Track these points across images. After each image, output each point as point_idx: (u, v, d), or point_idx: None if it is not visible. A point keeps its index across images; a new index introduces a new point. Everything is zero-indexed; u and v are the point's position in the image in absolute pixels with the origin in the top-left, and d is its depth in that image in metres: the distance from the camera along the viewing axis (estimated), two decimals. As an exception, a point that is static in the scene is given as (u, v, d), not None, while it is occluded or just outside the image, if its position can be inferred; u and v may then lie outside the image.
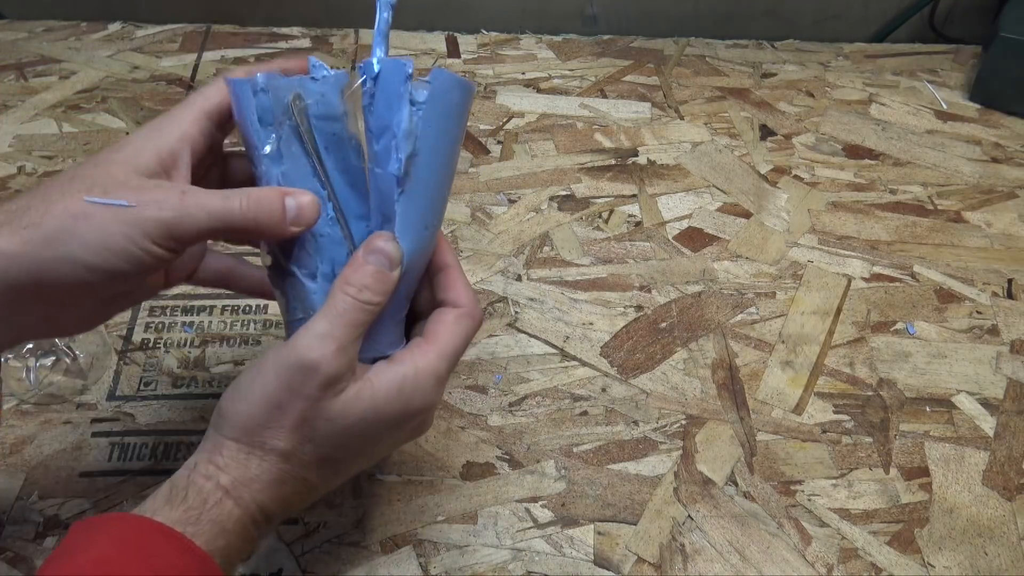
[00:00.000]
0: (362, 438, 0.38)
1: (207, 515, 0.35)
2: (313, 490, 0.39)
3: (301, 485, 0.38)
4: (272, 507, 0.37)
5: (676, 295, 0.62)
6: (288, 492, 0.37)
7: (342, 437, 0.37)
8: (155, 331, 0.57)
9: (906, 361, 0.59)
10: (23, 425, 0.52)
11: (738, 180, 0.72)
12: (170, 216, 0.34)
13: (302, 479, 0.37)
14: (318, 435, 0.37)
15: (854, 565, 0.49)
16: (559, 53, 0.84)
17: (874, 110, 0.80)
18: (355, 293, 0.36)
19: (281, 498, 0.37)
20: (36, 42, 0.80)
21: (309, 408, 0.36)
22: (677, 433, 0.54)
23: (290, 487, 0.37)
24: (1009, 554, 0.50)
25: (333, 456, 0.38)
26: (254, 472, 0.36)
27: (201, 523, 0.35)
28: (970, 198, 0.72)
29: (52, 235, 0.33)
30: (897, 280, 0.65)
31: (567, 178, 0.71)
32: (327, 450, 0.37)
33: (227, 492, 0.36)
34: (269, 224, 0.37)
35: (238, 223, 0.36)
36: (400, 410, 0.38)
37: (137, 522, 0.34)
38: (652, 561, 0.48)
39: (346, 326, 0.36)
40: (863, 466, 0.53)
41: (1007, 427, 0.56)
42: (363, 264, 0.37)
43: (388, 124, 0.38)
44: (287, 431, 0.36)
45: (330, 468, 0.38)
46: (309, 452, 0.37)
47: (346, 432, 0.37)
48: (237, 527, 0.36)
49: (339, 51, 0.82)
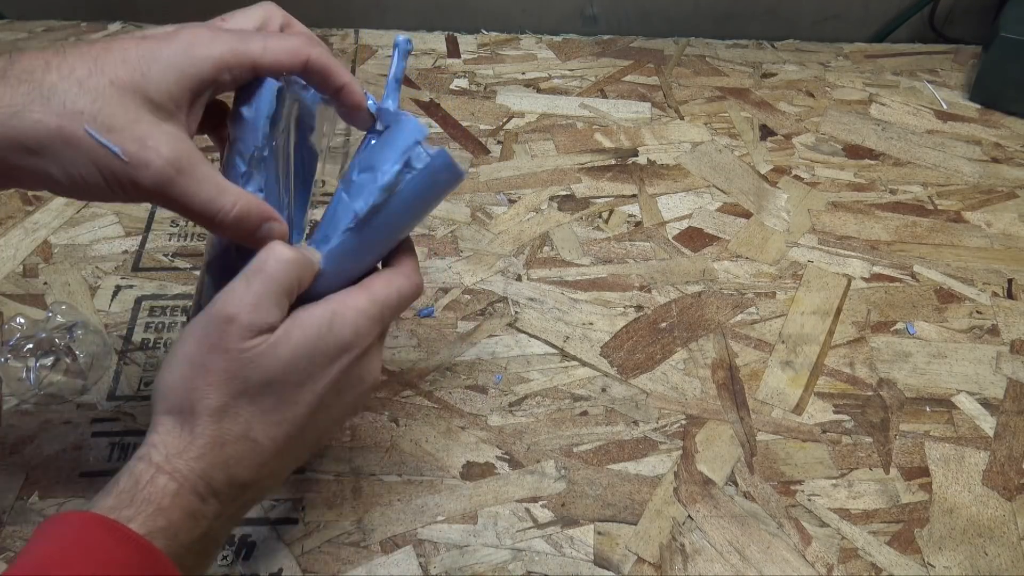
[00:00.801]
0: (299, 382, 0.36)
1: (140, 495, 0.34)
2: (262, 450, 0.37)
3: (245, 445, 0.36)
4: (216, 474, 0.35)
5: (676, 295, 0.62)
6: (231, 455, 0.36)
7: (277, 383, 0.36)
8: (155, 331, 0.57)
9: (906, 361, 0.59)
10: (23, 425, 0.52)
11: (738, 180, 0.72)
12: (152, 186, 0.34)
13: (244, 437, 0.36)
14: (251, 385, 0.35)
15: (854, 565, 0.49)
16: (559, 53, 0.84)
17: (874, 110, 0.80)
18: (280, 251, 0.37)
19: (223, 463, 0.35)
20: (36, 42, 0.80)
21: (233, 359, 0.35)
22: (677, 433, 0.54)
23: (231, 448, 0.36)
24: (1009, 554, 0.50)
25: (275, 407, 0.36)
26: (187, 440, 0.35)
27: (135, 504, 0.33)
28: (970, 198, 0.72)
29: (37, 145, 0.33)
30: (897, 280, 0.65)
31: (567, 178, 0.71)
32: (266, 400, 0.36)
33: (159, 468, 0.34)
34: (237, 235, 0.37)
35: (210, 219, 0.36)
36: (333, 345, 0.37)
37: (77, 517, 0.33)
38: (652, 561, 0.48)
39: (264, 281, 0.36)
40: (863, 466, 0.53)
41: (1007, 427, 0.56)
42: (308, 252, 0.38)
43: (375, 166, 0.39)
44: (214, 387, 0.35)
45: (275, 422, 0.37)
46: (245, 405, 0.35)
47: (281, 376, 0.36)
48: (177, 502, 0.34)
49: (339, 51, 0.82)
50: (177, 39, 0.36)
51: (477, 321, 0.59)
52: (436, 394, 0.55)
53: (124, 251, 0.62)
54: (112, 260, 0.62)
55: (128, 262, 0.62)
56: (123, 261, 0.62)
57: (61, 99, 0.33)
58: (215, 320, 0.35)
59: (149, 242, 0.63)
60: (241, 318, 0.35)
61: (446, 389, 0.55)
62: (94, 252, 0.62)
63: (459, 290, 0.61)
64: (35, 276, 0.60)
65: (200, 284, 0.43)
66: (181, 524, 0.34)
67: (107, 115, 0.33)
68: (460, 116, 0.75)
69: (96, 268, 0.61)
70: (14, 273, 0.60)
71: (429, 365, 0.56)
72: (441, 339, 0.58)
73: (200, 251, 0.63)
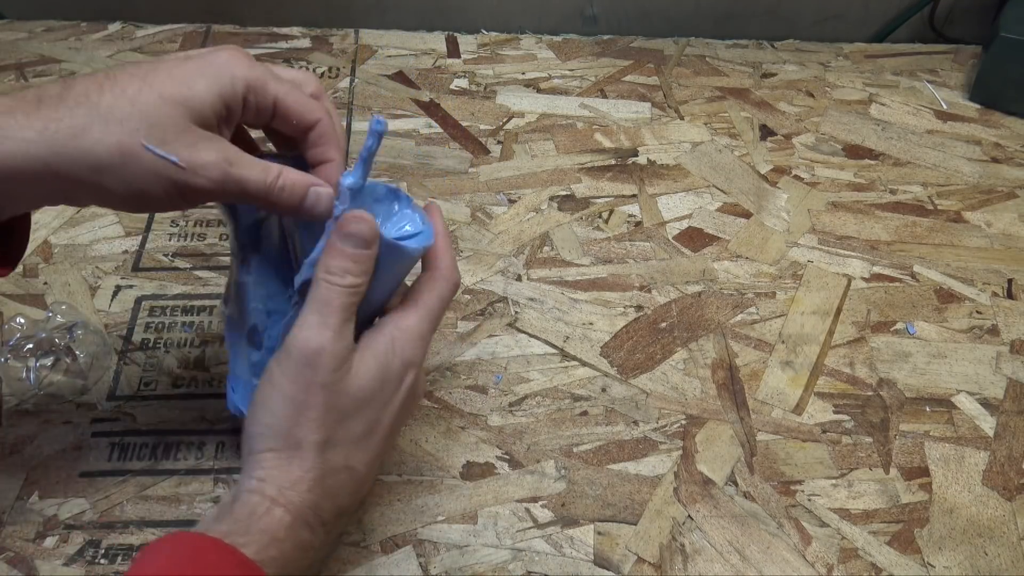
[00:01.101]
0: (379, 406, 0.39)
1: (256, 525, 0.36)
2: (359, 477, 0.40)
3: (346, 474, 0.39)
4: (324, 504, 0.38)
5: (676, 295, 0.62)
6: (335, 484, 0.39)
7: (363, 410, 0.39)
8: (155, 331, 0.57)
9: (906, 361, 0.59)
10: (23, 425, 0.52)
11: (738, 180, 0.72)
12: (210, 187, 0.37)
13: (345, 467, 0.39)
14: (345, 416, 0.38)
15: (854, 565, 0.49)
16: (559, 53, 0.84)
17: (874, 110, 0.80)
18: (338, 280, 0.38)
19: (330, 493, 0.38)
20: (36, 42, 0.80)
21: (329, 393, 0.37)
22: (677, 433, 0.54)
23: (334, 478, 0.38)
24: (1009, 554, 0.50)
25: (363, 434, 0.39)
26: (297, 474, 0.37)
27: (251, 533, 0.36)
28: (970, 198, 0.72)
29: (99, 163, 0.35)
30: (897, 280, 0.65)
31: (567, 178, 0.71)
32: (357, 428, 0.39)
33: (274, 500, 0.37)
34: (290, 203, 0.39)
35: (266, 195, 0.38)
36: (399, 366, 0.40)
37: (189, 538, 0.35)
38: (652, 561, 0.48)
39: (335, 312, 0.38)
40: (863, 466, 0.53)
41: (1007, 427, 0.56)
42: (341, 249, 0.38)
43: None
44: (317, 423, 0.37)
45: (366, 447, 0.40)
46: (342, 436, 0.38)
47: (364, 403, 0.39)
48: (289, 534, 0.37)
49: (339, 51, 0.82)
50: (218, 58, 0.38)
51: (477, 321, 0.59)
52: (436, 394, 0.55)
53: (124, 251, 0.62)
54: (112, 260, 0.62)
55: (128, 262, 0.62)
56: (123, 261, 0.62)
57: (117, 117, 0.35)
58: (304, 357, 0.37)
59: (149, 242, 0.63)
60: (327, 351, 0.37)
61: (446, 389, 0.55)
62: (94, 252, 0.62)
63: (459, 290, 0.61)
64: (35, 276, 0.60)
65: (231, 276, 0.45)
66: (291, 555, 0.37)
67: (160, 128, 0.36)
68: (460, 116, 0.75)
69: (96, 268, 0.61)
70: (14, 273, 0.60)
71: (429, 365, 0.56)
72: (441, 339, 0.58)
73: (200, 251, 0.63)
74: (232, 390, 0.46)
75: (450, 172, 0.70)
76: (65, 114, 0.35)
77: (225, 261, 0.61)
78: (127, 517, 0.48)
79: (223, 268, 0.61)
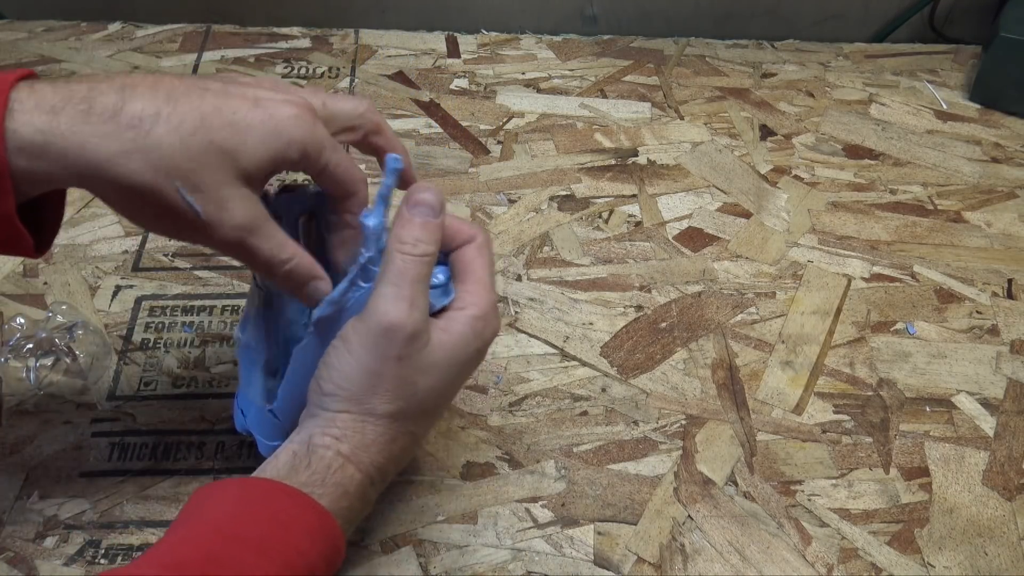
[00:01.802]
0: (451, 381, 0.41)
1: (331, 479, 0.38)
2: (416, 441, 0.42)
3: (409, 439, 0.41)
4: (389, 467, 0.41)
5: (676, 295, 0.62)
6: (398, 448, 0.41)
7: (436, 385, 0.40)
8: (155, 331, 0.57)
9: (906, 361, 0.59)
10: (23, 425, 0.52)
11: (738, 180, 0.72)
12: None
13: (409, 433, 0.41)
14: (419, 389, 0.39)
15: (854, 565, 0.49)
16: (559, 53, 0.84)
17: (874, 110, 0.80)
18: (411, 249, 0.39)
19: (393, 456, 0.41)
20: (36, 42, 0.80)
21: (403, 366, 0.38)
22: (677, 433, 0.54)
23: (400, 443, 0.40)
24: (1009, 554, 0.50)
25: (431, 403, 0.41)
26: (370, 437, 0.39)
27: (326, 486, 0.38)
28: (970, 198, 0.72)
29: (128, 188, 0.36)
30: (897, 280, 0.65)
31: (567, 178, 0.71)
32: (427, 399, 0.40)
33: (348, 458, 0.39)
34: (288, 285, 0.41)
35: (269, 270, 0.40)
36: (477, 347, 0.41)
37: (259, 484, 0.37)
38: (652, 561, 0.48)
39: (411, 283, 0.38)
40: (863, 466, 0.53)
41: (1007, 427, 0.56)
42: (410, 219, 0.39)
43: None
44: (392, 393, 0.39)
45: (429, 415, 0.42)
46: (414, 406, 0.40)
47: (439, 379, 0.40)
48: (358, 490, 0.39)
49: (339, 51, 0.82)
50: (283, 113, 0.38)
51: (477, 321, 0.59)
52: (436, 394, 0.55)
53: (124, 251, 0.62)
54: (112, 260, 0.62)
55: (128, 262, 0.62)
56: (123, 261, 0.62)
57: (162, 154, 0.35)
58: (381, 328, 0.38)
59: (149, 242, 0.63)
60: (406, 326, 0.38)
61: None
62: (94, 252, 0.62)
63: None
64: (35, 276, 0.60)
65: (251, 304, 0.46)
66: (356, 507, 0.39)
67: (199, 176, 0.36)
68: (460, 116, 0.75)
69: (96, 268, 0.61)
70: (14, 273, 0.60)
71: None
72: (441, 339, 0.58)
73: (200, 251, 0.63)
74: (242, 413, 0.47)
75: (450, 172, 0.70)
76: (112, 134, 0.35)
77: (226, 261, 0.61)
78: (127, 517, 0.48)
79: (223, 268, 0.61)
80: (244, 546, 0.35)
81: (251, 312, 0.46)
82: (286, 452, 0.39)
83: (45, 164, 0.35)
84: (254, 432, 0.46)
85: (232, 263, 0.54)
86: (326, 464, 0.38)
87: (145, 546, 0.46)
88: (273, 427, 0.45)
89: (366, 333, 0.38)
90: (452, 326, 0.40)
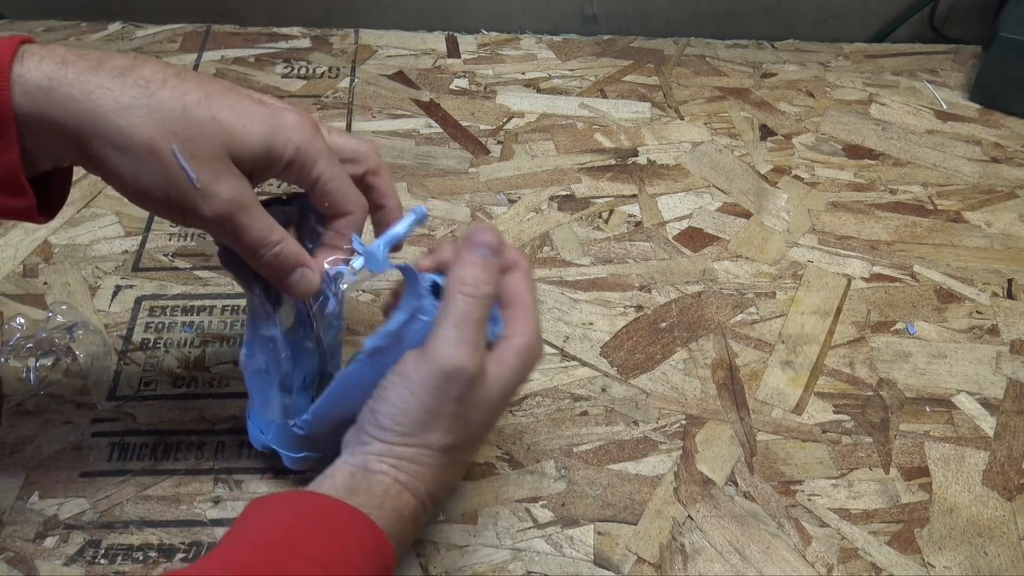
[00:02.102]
0: (499, 409, 0.42)
1: (389, 503, 0.39)
2: (466, 465, 0.45)
3: (459, 468, 0.43)
4: (439, 493, 0.42)
5: (676, 295, 0.62)
6: (450, 476, 0.42)
7: (488, 417, 0.42)
8: (155, 331, 0.57)
9: (906, 361, 0.59)
10: (23, 425, 0.52)
11: (738, 180, 0.72)
12: (211, 217, 0.37)
13: (460, 462, 0.43)
14: (472, 423, 0.41)
15: (854, 565, 0.49)
16: (559, 53, 0.84)
17: (874, 110, 0.80)
18: (472, 291, 0.39)
19: (445, 483, 0.42)
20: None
21: (461, 405, 0.39)
22: (677, 433, 0.54)
23: (451, 471, 0.42)
24: (1009, 554, 0.50)
25: (482, 433, 0.42)
26: (425, 468, 0.40)
27: (384, 509, 0.39)
28: (970, 198, 0.72)
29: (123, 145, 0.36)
30: (897, 280, 0.65)
31: (567, 178, 0.71)
32: (478, 431, 0.42)
33: (404, 486, 0.40)
34: (273, 272, 0.41)
35: (254, 251, 0.39)
36: (524, 375, 0.42)
37: (319, 499, 0.38)
38: (652, 561, 0.48)
39: (472, 325, 0.39)
40: (863, 466, 0.53)
41: (1007, 427, 0.56)
42: (472, 260, 0.40)
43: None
44: (447, 430, 0.40)
45: (477, 443, 0.43)
46: (465, 438, 0.41)
47: (491, 411, 0.41)
48: (412, 514, 0.40)
49: (339, 51, 0.82)
50: (286, 116, 0.39)
51: (477, 321, 0.59)
52: (436, 394, 0.55)
53: (124, 251, 0.62)
54: (112, 260, 0.62)
55: (128, 262, 0.62)
56: (123, 261, 0.62)
57: (163, 116, 0.36)
58: (443, 372, 0.39)
59: (149, 242, 0.63)
60: (467, 370, 0.39)
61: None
62: (94, 252, 0.62)
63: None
64: (35, 276, 0.60)
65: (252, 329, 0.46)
66: (408, 531, 0.40)
67: (196, 143, 0.36)
68: (460, 116, 0.75)
69: (96, 268, 0.61)
70: (14, 273, 0.60)
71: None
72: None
73: (200, 251, 0.63)
74: (260, 431, 0.48)
75: (450, 172, 0.70)
76: (118, 88, 0.35)
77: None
78: (127, 517, 0.48)
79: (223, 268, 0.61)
80: (301, 557, 0.35)
81: (254, 336, 0.46)
82: (342, 472, 0.40)
83: (50, 109, 0.35)
84: (277, 448, 0.47)
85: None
86: (384, 488, 0.39)
87: (145, 546, 0.46)
88: (299, 441, 0.46)
89: (428, 374, 0.39)
90: (505, 357, 0.41)
